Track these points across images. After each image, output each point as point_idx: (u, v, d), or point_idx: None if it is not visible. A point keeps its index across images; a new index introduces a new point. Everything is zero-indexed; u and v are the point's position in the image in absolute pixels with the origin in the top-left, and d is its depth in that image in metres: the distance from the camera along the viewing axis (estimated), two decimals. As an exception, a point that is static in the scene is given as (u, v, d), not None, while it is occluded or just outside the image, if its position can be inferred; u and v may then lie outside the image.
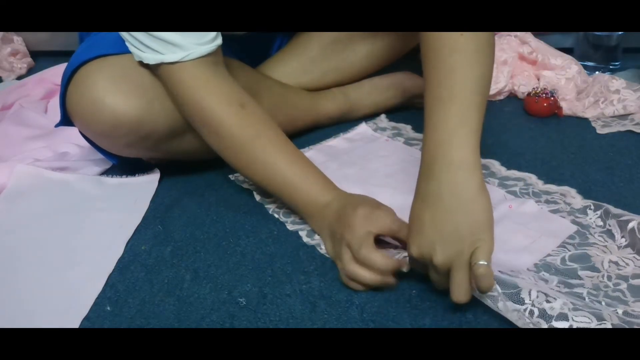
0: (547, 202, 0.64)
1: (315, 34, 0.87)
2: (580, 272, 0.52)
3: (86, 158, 0.82)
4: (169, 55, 0.60)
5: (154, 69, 0.64)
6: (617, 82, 0.87)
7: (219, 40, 0.64)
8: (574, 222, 0.60)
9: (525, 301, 0.45)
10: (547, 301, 0.45)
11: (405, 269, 0.52)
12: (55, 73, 1.12)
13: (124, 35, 0.63)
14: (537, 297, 0.45)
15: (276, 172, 0.61)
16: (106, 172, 0.79)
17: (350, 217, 0.54)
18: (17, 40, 1.41)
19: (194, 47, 0.60)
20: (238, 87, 0.65)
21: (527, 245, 0.56)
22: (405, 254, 0.52)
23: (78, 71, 0.65)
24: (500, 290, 0.47)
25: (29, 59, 1.40)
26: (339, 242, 0.55)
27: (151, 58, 0.61)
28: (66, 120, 0.69)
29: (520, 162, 0.74)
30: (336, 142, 0.83)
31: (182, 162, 0.78)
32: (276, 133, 0.64)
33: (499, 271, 0.50)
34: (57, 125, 0.72)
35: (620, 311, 0.47)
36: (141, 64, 0.64)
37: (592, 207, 0.61)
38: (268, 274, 0.57)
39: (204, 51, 0.61)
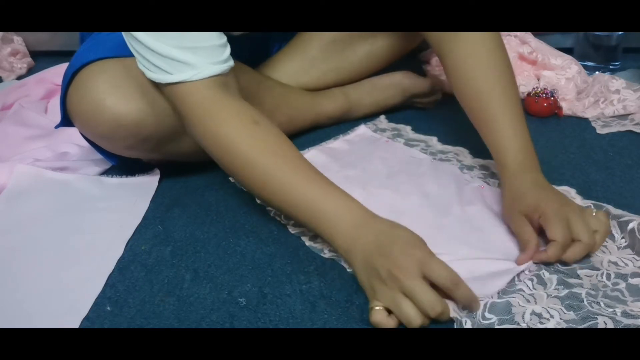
0: None
1: (315, 34, 0.87)
2: (579, 272, 0.52)
3: (86, 158, 0.82)
4: (178, 75, 0.58)
5: (161, 88, 0.63)
6: (617, 82, 0.87)
7: (232, 62, 0.62)
8: None
9: (520, 324, 0.47)
10: (541, 322, 0.47)
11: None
12: (55, 73, 1.12)
13: (134, 52, 0.62)
14: (531, 319, 0.47)
15: (294, 191, 0.56)
16: (106, 172, 0.79)
17: (400, 258, 0.48)
18: (17, 40, 1.41)
19: (205, 66, 0.59)
20: (249, 105, 0.62)
21: None
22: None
23: (79, 73, 0.65)
24: (495, 317, 0.48)
25: (29, 59, 1.40)
26: (377, 276, 0.49)
27: (160, 78, 0.60)
28: (66, 121, 0.69)
29: (520, 162, 0.74)
30: (336, 144, 0.83)
31: (182, 162, 0.78)
32: (291, 150, 0.59)
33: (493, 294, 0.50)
34: (57, 126, 0.72)
35: (619, 312, 0.47)
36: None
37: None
38: (268, 274, 0.57)
39: (215, 71, 0.59)
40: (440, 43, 0.69)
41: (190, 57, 0.58)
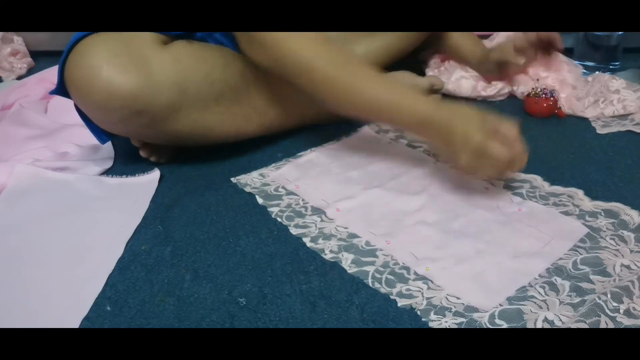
0: (555, 204, 0.63)
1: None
2: (592, 277, 0.52)
3: (86, 158, 0.82)
4: None
5: None
6: (617, 82, 0.87)
7: None
8: (583, 224, 0.59)
9: None
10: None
11: None
12: (55, 73, 1.12)
13: None
14: (543, 326, 0.47)
15: (378, 96, 0.67)
16: (106, 172, 0.79)
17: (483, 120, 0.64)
18: (17, 40, 1.41)
19: None
20: None
21: (539, 250, 0.56)
22: None
23: (80, 41, 0.65)
24: (506, 325, 0.48)
25: (29, 59, 1.40)
26: (464, 139, 0.62)
27: None
28: (62, 90, 0.69)
29: (520, 162, 0.74)
30: (339, 145, 0.83)
31: (182, 160, 0.78)
32: (356, 60, 0.69)
33: (503, 301, 0.50)
34: (52, 92, 0.71)
35: (622, 308, 0.47)
36: (142, 39, 0.64)
37: (603, 213, 0.61)
38: (268, 274, 0.57)
39: None
40: None
41: None
